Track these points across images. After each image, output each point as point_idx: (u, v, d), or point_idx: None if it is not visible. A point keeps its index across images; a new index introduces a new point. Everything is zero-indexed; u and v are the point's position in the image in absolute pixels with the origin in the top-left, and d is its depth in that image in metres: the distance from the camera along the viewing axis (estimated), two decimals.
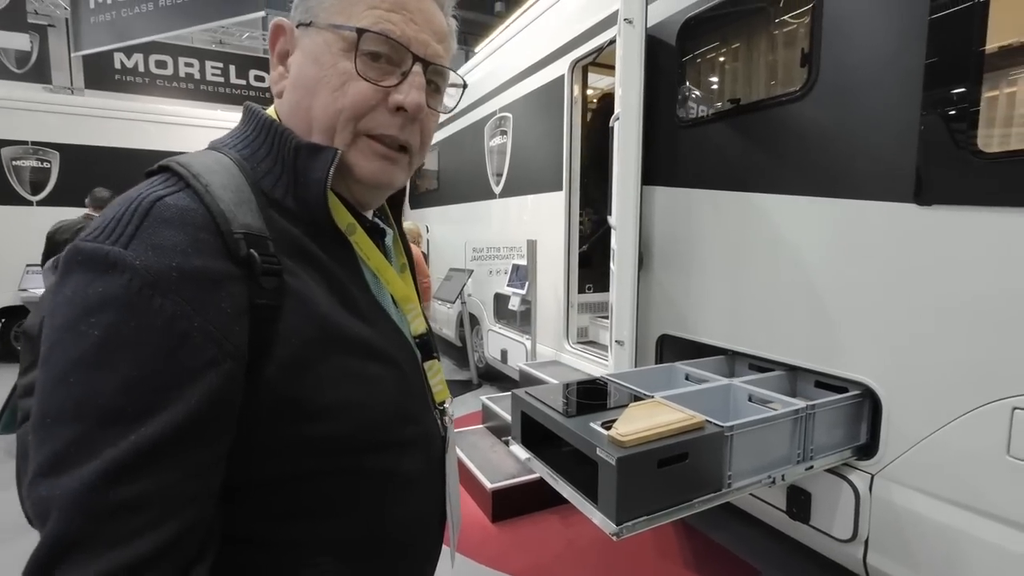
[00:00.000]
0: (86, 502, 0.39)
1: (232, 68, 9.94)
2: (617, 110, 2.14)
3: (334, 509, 0.53)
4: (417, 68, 0.56)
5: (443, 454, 0.66)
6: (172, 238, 0.44)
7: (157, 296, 0.42)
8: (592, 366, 3.10)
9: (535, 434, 1.66)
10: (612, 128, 2.24)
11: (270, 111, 0.59)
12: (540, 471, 1.57)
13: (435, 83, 0.60)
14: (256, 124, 0.57)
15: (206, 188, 0.47)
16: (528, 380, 3.27)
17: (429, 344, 0.68)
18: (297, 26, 0.57)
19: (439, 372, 0.70)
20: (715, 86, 2.23)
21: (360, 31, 0.53)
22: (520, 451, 1.67)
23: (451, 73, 0.61)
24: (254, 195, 0.51)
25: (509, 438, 1.78)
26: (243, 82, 10.02)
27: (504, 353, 4.13)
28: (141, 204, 0.45)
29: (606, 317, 3.51)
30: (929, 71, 1.45)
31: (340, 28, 0.54)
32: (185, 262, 0.43)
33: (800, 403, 1.57)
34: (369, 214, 0.65)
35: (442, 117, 0.66)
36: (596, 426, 1.39)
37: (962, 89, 1.39)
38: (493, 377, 4.83)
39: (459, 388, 4.77)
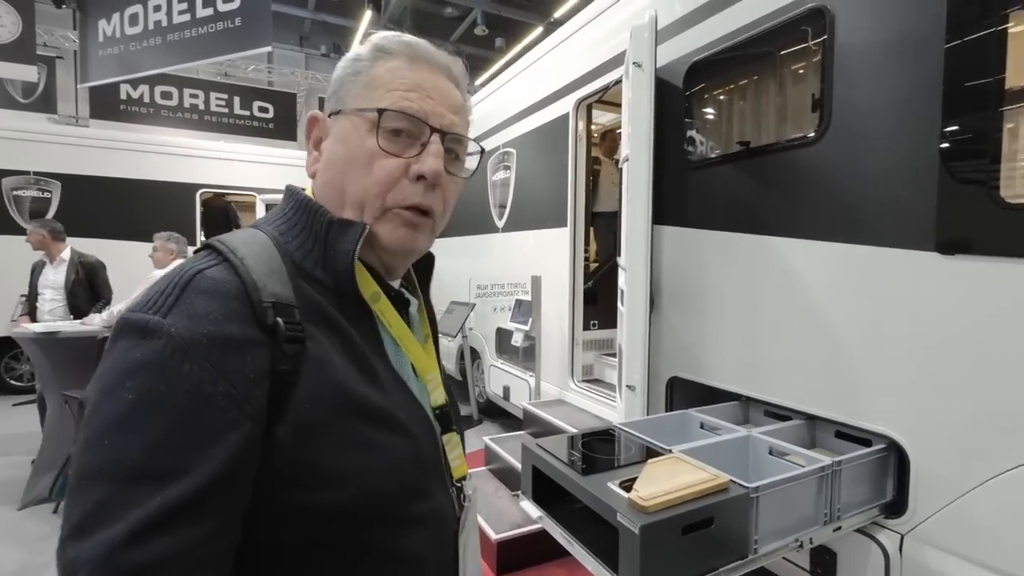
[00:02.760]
0: (112, 564, 0.40)
1: (236, 99, 10.09)
2: (626, 151, 2.13)
3: None
4: (435, 138, 0.60)
5: (455, 534, 0.63)
6: (206, 307, 0.47)
7: (187, 361, 0.44)
8: (598, 406, 3.02)
9: (547, 487, 1.58)
10: (621, 169, 2.23)
11: (308, 190, 0.63)
12: (554, 532, 1.48)
13: (454, 151, 0.63)
14: (295, 203, 0.62)
15: (241, 261, 0.51)
16: (532, 420, 3.18)
17: (448, 416, 0.67)
18: (329, 115, 0.63)
19: (458, 446, 0.68)
20: (724, 128, 2.23)
21: (380, 111, 0.58)
22: (532, 509, 1.59)
23: (469, 141, 0.66)
24: (285, 265, 0.54)
25: (519, 492, 1.69)
26: (247, 113, 10.16)
27: (507, 390, 4.04)
28: (183, 277, 0.49)
29: (611, 355, 3.44)
30: (947, 120, 1.44)
31: (364, 111, 0.59)
32: (215, 329, 0.46)
33: (826, 459, 1.50)
34: (396, 283, 0.67)
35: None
36: (614, 487, 1.31)
37: (983, 138, 1.38)
38: (494, 413, 4.72)
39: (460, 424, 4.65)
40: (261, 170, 6.52)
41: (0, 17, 6.36)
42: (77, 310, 3.81)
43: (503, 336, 4.17)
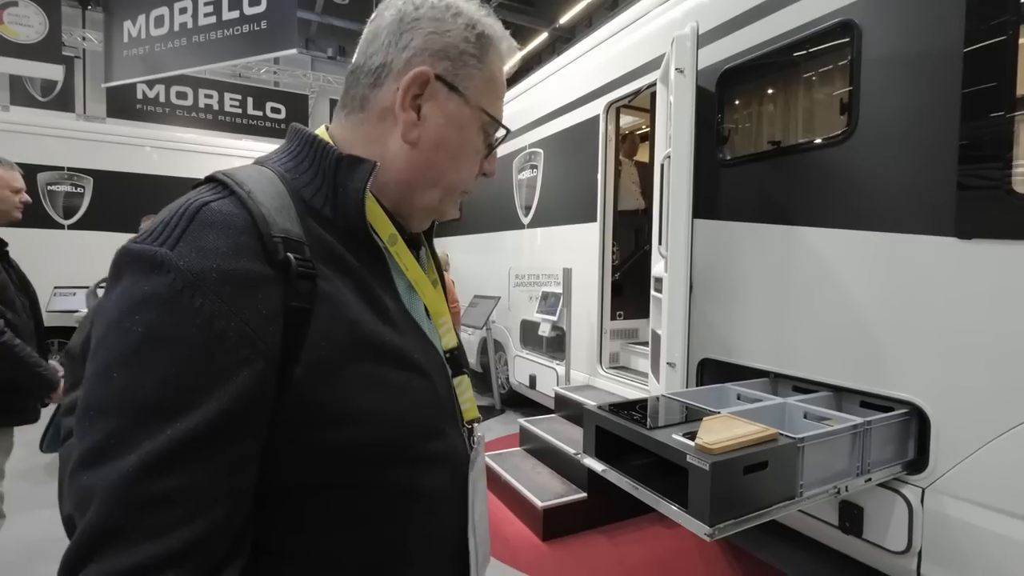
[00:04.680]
0: (124, 493, 0.40)
1: (250, 100, 10.27)
2: (667, 150, 2.33)
3: (352, 523, 0.52)
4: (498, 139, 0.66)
5: (467, 474, 0.63)
6: (215, 241, 0.46)
7: (197, 296, 0.43)
8: (627, 390, 3.21)
9: (604, 450, 1.77)
10: (661, 166, 2.43)
11: (318, 132, 0.62)
12: (619, 482, 1.67)
13: None
14: (300, 140, 0.59)
15: (248, 194, 0.49)
16: (564, 403, 3.37)
17: (459, 359, 0.68)
18: (436, 78, 0.58)
19: (468, 388, 0.69)
20: (754, 130, 2.44)
21: (507, 131, 0.65)
22: (595, 464, 1.78)
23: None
24: (293, 203, 0.53)
25: (580, 452, 1.88)
26: (260, 113, 10.34)
27: (532, 378, 4.23)
28: (188, 209, 0.47)
29: (638, 343, 3.65)
30: (965, 121, 1.65)
31: (492, 120, 0.63)
32: (225, 264, 0.45)
33: (858, 419, 1.70)
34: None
35: None
36: (679, 437, 1.51)
37: (997, 135, 1.58)
38: (516, 403, 4.90)
39: (482, 414, 4.82)
40: None
41: (29, 17, 6.52)
42: None
43: (528, 328, 4.36)
